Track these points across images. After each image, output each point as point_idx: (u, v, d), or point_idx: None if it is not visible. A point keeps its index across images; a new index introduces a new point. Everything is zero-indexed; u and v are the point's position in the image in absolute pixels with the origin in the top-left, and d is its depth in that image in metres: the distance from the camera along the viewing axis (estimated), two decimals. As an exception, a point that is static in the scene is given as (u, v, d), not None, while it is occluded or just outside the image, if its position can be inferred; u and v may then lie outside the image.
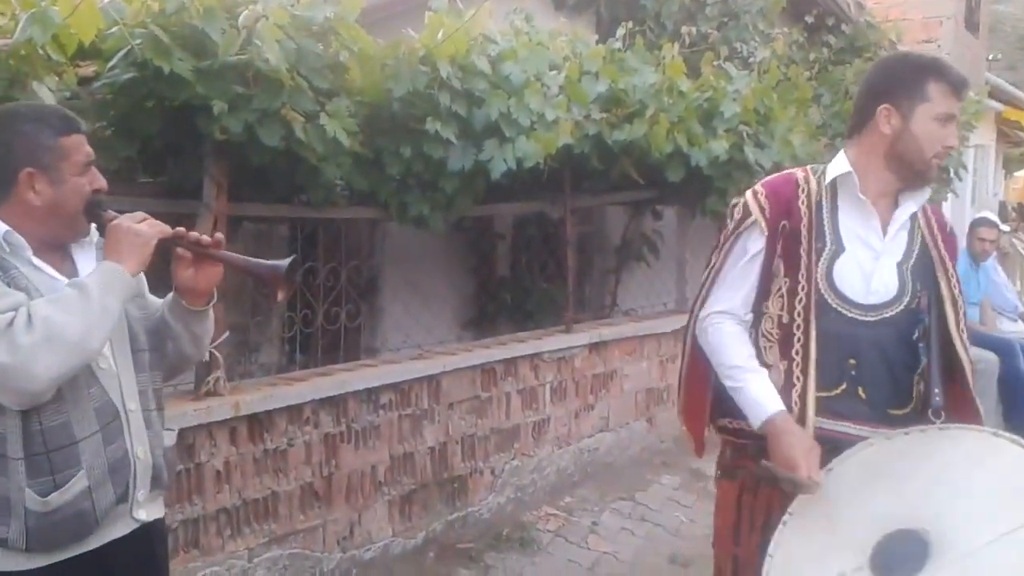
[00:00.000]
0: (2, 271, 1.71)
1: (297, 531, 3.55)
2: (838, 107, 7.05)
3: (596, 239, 6.95)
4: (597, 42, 5.11)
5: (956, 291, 2.17)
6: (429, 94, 3.68)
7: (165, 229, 1.84)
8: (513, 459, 4.61)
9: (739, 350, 2.14)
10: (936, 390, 2.10)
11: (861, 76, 7.32)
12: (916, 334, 2.15)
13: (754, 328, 2.17)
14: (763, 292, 2.15)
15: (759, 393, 2.08)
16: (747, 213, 2.16)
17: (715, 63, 5.25)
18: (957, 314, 2.15)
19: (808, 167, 2.25)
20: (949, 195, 8.68)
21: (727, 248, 2.20)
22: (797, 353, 2.07)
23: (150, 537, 1.94)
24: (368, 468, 3.84)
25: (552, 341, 4.85)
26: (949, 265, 2.18)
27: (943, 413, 2.09)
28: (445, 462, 4.22)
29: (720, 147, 4.83)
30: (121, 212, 1.87)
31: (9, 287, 1.69)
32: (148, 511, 1.90)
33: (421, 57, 3.65)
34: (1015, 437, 1.90)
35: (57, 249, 1.84)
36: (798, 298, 2.08)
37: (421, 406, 4.08)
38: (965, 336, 2.17)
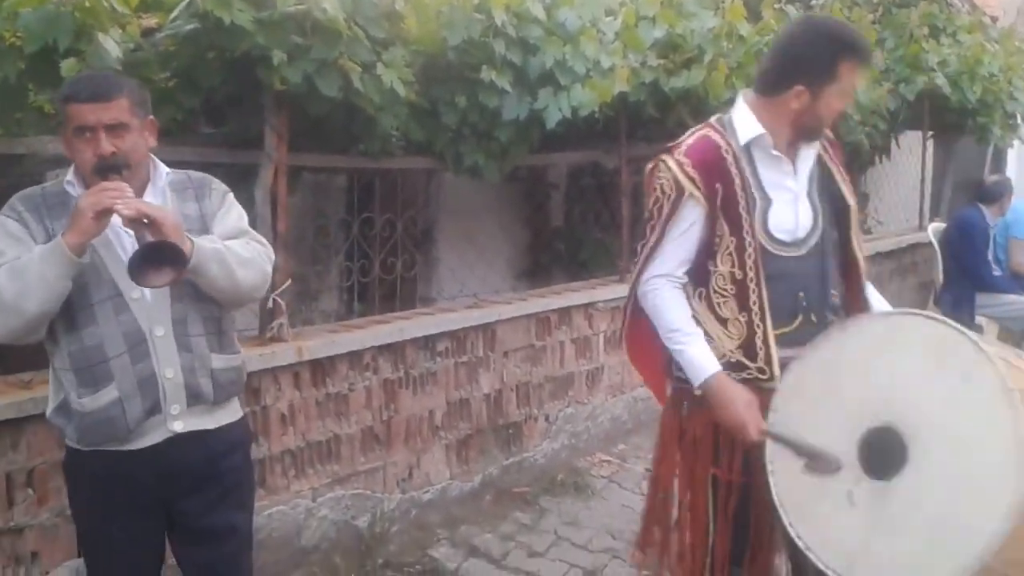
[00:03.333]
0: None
1: (359, 472, 3.66)
2: (902, 51, 6.82)
3: (651, 189, 6.88)
4: (654, -14, 5.01)
5: (854, 196, 2.40)
6: (484, 42, 3.67)
7: (102, 202, 1.89)
8: (567, 407, 4.66)
9: (678, 314, 2.30)
10: (833, 291, 2.34)
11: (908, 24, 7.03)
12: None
13: (704, 287, 2.31)
14: (708, 252, 2.28)
15: (698, 355, 2.26)
16: (680, 190, 2.26)
17: (776, 6, 5.12)
18: (855, 217, 2.40)
19: (714, 123, 2.34)
20: (1015, 141, 8.40)
21: (665, 224, 2.30)
22: (754, 303, 2.25)
23: (208, 443, 2.14)
24: (426, 413, 3.93)
25: (606, 291, 4.86)
26: (844, 172, 2.40)
27: (840, 312, 2.36)
28: (500, 409, 4.29)
29: (779, 93, 4.73)
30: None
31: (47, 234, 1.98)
32: (188, 423, 2.09)
33: (476, 4, 3.64)
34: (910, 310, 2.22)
35: None
36: (747, 253, 2.23)
37: (477, 354, 4.15)
38: (861, 238, 2.43)
